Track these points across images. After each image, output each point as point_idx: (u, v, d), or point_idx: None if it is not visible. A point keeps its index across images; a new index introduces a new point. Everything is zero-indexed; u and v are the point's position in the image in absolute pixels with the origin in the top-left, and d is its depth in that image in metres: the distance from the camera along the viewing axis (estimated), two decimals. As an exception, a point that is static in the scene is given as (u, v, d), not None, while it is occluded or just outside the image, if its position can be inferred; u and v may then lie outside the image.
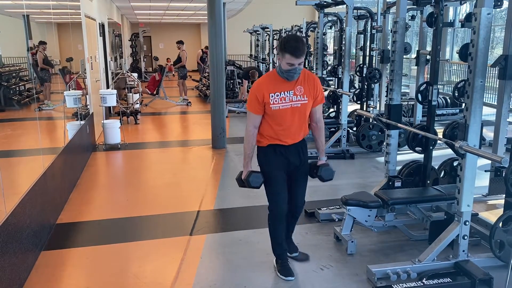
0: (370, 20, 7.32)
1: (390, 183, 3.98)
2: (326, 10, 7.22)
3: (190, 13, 17.33)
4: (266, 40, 16.73)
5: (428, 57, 4.46)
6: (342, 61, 6.52)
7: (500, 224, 3.09)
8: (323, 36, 8.15)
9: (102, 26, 9.56)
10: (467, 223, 3.03)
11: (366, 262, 3.20)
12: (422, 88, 3.96)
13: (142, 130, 8.57)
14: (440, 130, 4.44)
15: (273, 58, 15.64)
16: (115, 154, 6.70)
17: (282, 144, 2.94)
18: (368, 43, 7.29)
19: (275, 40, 15.58)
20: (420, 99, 3.99)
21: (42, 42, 5.02)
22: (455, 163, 4.22)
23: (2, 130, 4.20)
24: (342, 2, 6.19)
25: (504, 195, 3.32)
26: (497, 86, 4.37)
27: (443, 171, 4.31)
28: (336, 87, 7.07)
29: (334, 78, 7.84)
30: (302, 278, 3.05)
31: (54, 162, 4.18)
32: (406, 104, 8.15)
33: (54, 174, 4.16)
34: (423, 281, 2.92)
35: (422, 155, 4.02)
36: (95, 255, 3.49)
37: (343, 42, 6.61)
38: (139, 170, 6.09)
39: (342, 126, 6.33)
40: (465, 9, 10.93)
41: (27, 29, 4.35)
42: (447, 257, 3.10)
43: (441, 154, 5.04)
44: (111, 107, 9.05)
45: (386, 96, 4.07)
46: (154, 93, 11.44)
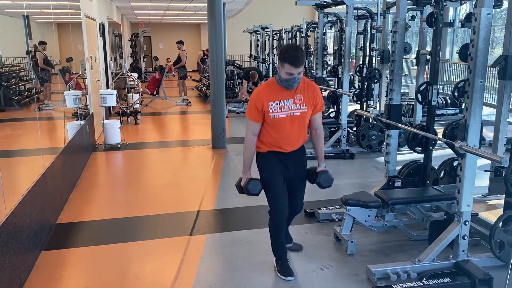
0: (370, 20, 7.33)
1: (390, 183, 3.98)
2: (326, 10, 7.22)
3: (190, 13, 17.34)
4: (266, 40, 16.73)
5: (428, 57, 4.46)
6: (342, 61, 6.52)
7: (500, 224, 3.09)
8: (323, 36, 8.15)
9: (102, 26, 9.57)
10: (467, 223, 3.03)
11: (366, 262, 3.20)
12: (422, 88, 3.97)
13: (142, 130, 8.57)
14: (440, 130, 4.44)
15: (273, 58, 15.65)
16: (115, 154, 6.70)
17: (282, 151, 2.97)
18: (368, 43, 7.29)
19: (275, 40, 15.59)
20: (420, 99, 3.99)
21: (42, 42, 5.02)
22: (455, 163, 4.22)
23: (2, 130, 4.20)
24: (342, 2, 6.19)
25: (504, 195, 3.33)
26: (497, 86, 4.36)
27: (443, 171, 4.31)
28: (336, 87, 7.08)
29: (334, 78, 7.85)
30: (302, 278, 3.06)
31: (54, 162, 4.19)
32: (406, 104, 8.15)
33: (54, 174, 4.16)
34: (423, 281, 2.92)
35: (422, 155, 4.03)
36: (95, 255, 3.49)
37: (343, 42, 6.61)
38: (139, 170, 6.09)
39: (342, 126, 6.33)
40: (465, 9, 10.93)
41: (27, 29, 4.35)
42: (447, 257, 3.10)
43: (441, 154, 5.05)
44: (111, 107, 9.05)
45: (386, 96, 4.07)
46: (154, 93, 11.44)
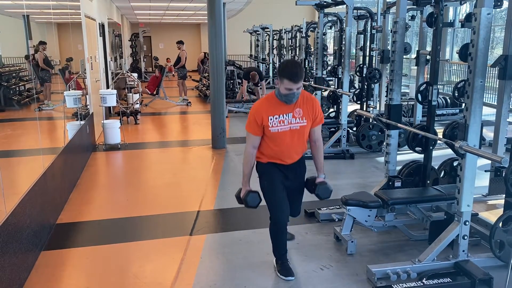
0: (370, 20, 7.33)
1: (390, 183, 3.98)
2: (326, 10, 7.22)
3: (190, 13, 17.34)
4: (266, 40, 16.75)
5: (428, 57, 4.46)
6: (342, 61, 6.52)
7: (500, 224, 3.09)
8: (323, 36, 8.15)
9: (102, 26, 9.56)
10: (467, 223, 3.03)
11: (366, 262, 3.20)
12: (422, 88, 3.96)
13: (142, 130, 8.56)
14: (440, 130, 4.44)
15: (273, 58, 15.67)
16: (115, 154, 6.70)
17: (282, 163, 3.01)
18: (368, 43, 7.30)
19: (275, 40, 15.60)
20: (420, 99, 3.99)
21: (42, 42, 5.02)
22: (455, 163, 4.22)
23: (2, 130, 4.20)
24: (342, 2, 6.20)
25: (504, 195, 3.32)
26: (497, 86, 4.37)
27: (443, 171, 4.31)
28: (336, 87, 7.08)
29: (334, 78, 7.85)
30: (302, 278, 3.06)
31: (54, 162, 4.18)
32: (406, 104, 8.15)
33: (54, 174, 4.16)
34: (423, 281, 2.92)
35: (422, 155, 4.03)
36: (95, 255, 3.49)
37: (343, 42, 6.61)
38: (139, 170, 6.09)
39: (342, 126, 6.33)
40: (465, 9, 10.93)
41: (27, 29, 4.35)
42: (447, 257, 3.10)
43: (441, 154, 5.05)
44: (111, 107, 9.05)
45: (386, 96, 4.07)
46: (154, 93, 11.44)
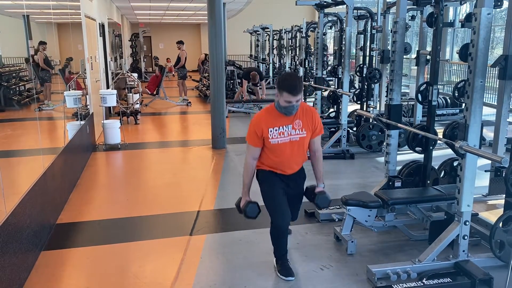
0: (370, 20, 7.33)
1: (390, 183, 3.98)
2: (326, 10, 7.22)
3: (190, 13, 17.34)
4: (266, 40, 16.76)
5: (428, 57, 4.46)
6: (342, 61, 6.53)
7: (500, 224, 3.09)
8: (323, 36, 8.16)
9: (102, 26, 9.56)
10: (467, 223, 3.03)
11: (366, 262, 3.20)
12: (422, 88, 3.96)
13: (142, 130, 8.56)
14: (440, 130, 4.44)
15: (273, 58, 15.68)
16: (115, 154, 6.70)
17: (282, 173, 3.05)
18: (368, 43, 7.30)
19: (275, 40, 15.61)
20: (420, 99, 3.99)
21: (42, 42, 5.02)
22: (455, 163, 4.22)
23: (2, 130, 4.20)
24: (342, 2, 6.20)
25: (504, 195, 3.32)
26: (497, 86, 4.37)
27: (443, 171, 4.31)
28: (336, 87, 7.08)
29: (334, 78, 7.85)
30: (302, 278, 3.06)
31: (54, 162, 4.18)
32: (406, 104, 8.15)
33: (54, 174, 4.16)
34: (423, 281, 2.92)
35: (422, 155, 4.03)
36: (95, 255, 3.49)
37: (343, 42, 6.61)
38: (139, 170, 6.09)
39: (342, 126, 6.33)
40: (465, 9, 10.93)
41: (27, 29, 4.35)
42: (447, 257, 3.10)
43: (441, 154, 5.05)
44: (111, 107, 9.05)
45: (386, 96, 4.07)
46: (154, 93, 11.44)
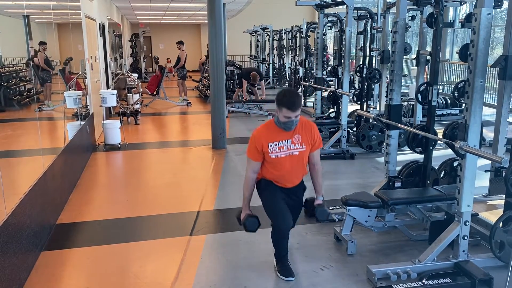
0: (370, 20, 7.33)
1: (390, 183, 3.98)
2: (326, 11, 7.23)
3: (190, 13, 17.34)
4: (266, 40, 16.76)
5: (428, 57, 4.46)
6: (342, 61, 6.53)
7: (500, 224, 3.09)
8: (323, 36, 8.16)
9: (102, 26, 9.57)
10: (467, 223, 3.03)
11: (366, 262, 3.20)
12: (422, 88, 3.97)
13: (142, 131, 8.56)
14: (440, 131, 4.44)
15: (273, 59, 15.68)
16: (115, 154, 6.70)
17: (283, 187, 3.10)
18: (368, 44, 7.30)
19: (275, 40, 15.61)
20: (420, 100, 3.99)
21: (42, 43, 5.02)
22: (455, 164, 4.22)
23: (2, 131, 4.20)
24: (342, 3, 6.20)
25: (504, 195, 3.32)
26: (497, 86, 4.37)
27: (443, 171, 4.31)
28: (336, 88, 7.08)
29: (334, 79, 7.85)
30: (302, 279, 3.06)
31: (54, 163, 4.18)
32: (406, 104, 8.15)
33: (54, 175, 4.16)
34: (423, 281, 2.92)
35: (422, 156, 4.03)
36: (95, 255, 3.49)
37: (343, 43, 6.61)
38: (139, 170, 6.09)
39: (342, 126, 6.33)
40: (465, 9, 10.94)
41: (27, 29, 4.35)
42: (447, 257, 3.10)
43: (441, 154, 5.05)
44: (111, 108, 9.05)
45: (386, 96, 4.07)
46: (154, 93, 11.44)
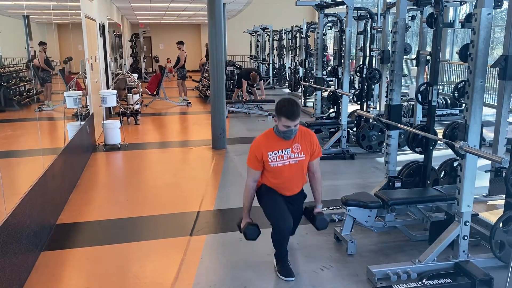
0: (370, 20, 7.33)
1: (390, 184, 3.98)
2: (326, 11, 7.23)
3: (190, 13, 17.34)
4: (266, 40, 16.76)
5: (428, 57, 4.46)
6: (342, 61, 6.53)
7: (500, 224, 3.09)
8: (323, 36, 8.16)
9: (102, 26, 9.57)
10: (467, 224, 3.03)
11: (366, 262, 3.20)
12: (422, 88, 3.96)
13: (142, 131, 8.56)
14: (440, 131, 4.44)
15: (273, 59, 15.68)
16: (115, 154, 6.70)
17: (282, 195, 3.13)
18: (368, 44, 7.30)
19: (275, 40, 15.61)
20: (420, 100, 3.99)
21: (42, 43, 5.02)
22: (455, 164, 4.22)
23: (2, 131, 4.20)
24: (342, 3, 6.20)
25: (504, 196, 3.32)
26: (497, 86, 4.37)
27: (443, 172, 4.31)
28: (336, 88, 7.08)
29: (334, 79, 7.85)
30: (302, 279, 3.05)
31: (54, 163, 4.18)
32: (406, 104, 8.15)
33: (54, 175, 4.16)
34: (423, 281, 2.92)
35: (422, 156, 4.03)
36: (95, 256, 3.49)
37: (343, 43, 6.61)
38: (139, 170, 6.09)
39: (342, 126, 6.33)
40: (465, 9, 10.94)
41: (27, 29, 4.35)
42: (447, 257, 3.10)
43: (441, 154, 5.05)
44: (111, 108, 9.05)
45: (386, 96, 4.07)
46: (154, 93, 11.44)
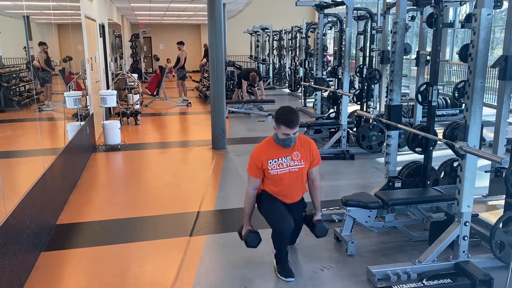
0: (370, 20, 7.33)
1: (390, 184, 3.98)
2: (326, 11, 7.23)
3: (190, 14, 17.35)
4: (266, 41, 16.76)
5: (428, 57, 4.46)
6: (342, 61, 6.52)
7: (500, 224, 3.09)
8: (323, 37, 8.16)
9: (102, 27, 9.57)
10: (467, 224, 3.03)
11: (366, 263, 3.20)
12: (422, 88, 3.96)
13: (142, 131, 8.56)
14: (440, 131, 4.44)
15: (273, 59, 15.68)
16: (115, 154, 6.70)
17: (283, 203, 3.15)
18: (368, 44, 7.29)
19: (275, 41, 15.61)
20: (420, 100, 3.99)
21: (42, 43, 5.02)
22: (455, 164, 4.22)
23: (2, 131, 4.19)
24: (342, 3, 6.20)
25: (504, 196, 3.32)
26: (497, 86, 4.37)
27: (443, 172, 4.31)
28: (336, 88, 7.08)
29: (334, 79, 7.85)
30: (302, 279, 3.05)
31: (54, 163, 4.18)
32: (406, 104, 8.15)
33: (54, 175, 4.16)
34: (423, 282, 2.92)
35: (422, 156, 4.02)
36: (95, 256, 3.49)
37: (343, 43, 6.61)
38: (139, 170, 6.09)
39: (342, 126, 6.33)
40: (465, 9, 10.94)
41: (27, 30, 4.35)
42: (447, 258, 3.10)
43: (441, 154, 5.05)
44: (111, 108, 9.05)
45: (386, 96, 4.07)
46: (154, 93, 11.44)
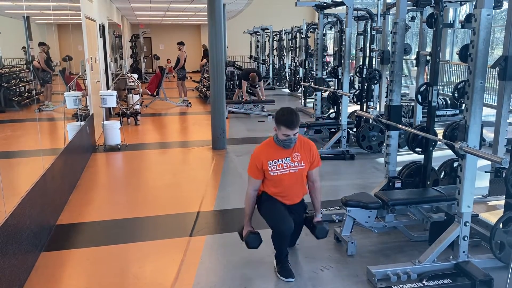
0: (370, 21, 7.34)
1: (390, 184, 3.98)
2: (326, 11, 7.23)
3: (190, 14, 17.35)
4: (266, 41, 16.77)
5: (428, 58, 4.46)
6: (342, 62, 6.53)
7: (500, 225, 3.09)
8: (323, 37, 8.16)
9: (102, 27, 9.57)
10: (467, 224, 3.03)
11: (366, 263, 3.20)
12: (422, 89, 3.96)
13: (142, 131, 8.56)
14: (440, 131, 4.44)
15: (273, 59, 15.68)
16: (115, 155, 6.70)
17: (283, 203, 3.16)
18: (368, 44, 7.30)
19: (275, 41, 15.62)
20: (420, 100, 3.99)
21: (42, 43, 5.02)
22: (455, 164, 4.22)
23: (2, 131, 4.20)
24: (342, 3, 6.21)
25: (504, 196, 3.32)
26: (497, 87, 4.37)
27: (443, 172, 4.30)
28: (336, 88, 7.08)
29: (334, 79, 7.85)
30: (302, 279, 3.05)
31: (54, 163, 4.18)
32: (406, 105, 8.15)
33: (54, 175, 4.16)
34: (423, 282, 2.92)
35: (422, 156, 4.02)
36: (95, 256, 3.49)
37: (343, 43, 6.61)
38: (139, 171, 6.09)
39: (342, 127, 6.33)
40: (465, 10, 10.94)
41: (27, 30, 4.35)
42: (447, 258, 3.09)
43: (441, 155, 5.05)
44: (111, 108, 9.05)
45: (386, 97, 4.07)
46: (154, 94, 11.44)
